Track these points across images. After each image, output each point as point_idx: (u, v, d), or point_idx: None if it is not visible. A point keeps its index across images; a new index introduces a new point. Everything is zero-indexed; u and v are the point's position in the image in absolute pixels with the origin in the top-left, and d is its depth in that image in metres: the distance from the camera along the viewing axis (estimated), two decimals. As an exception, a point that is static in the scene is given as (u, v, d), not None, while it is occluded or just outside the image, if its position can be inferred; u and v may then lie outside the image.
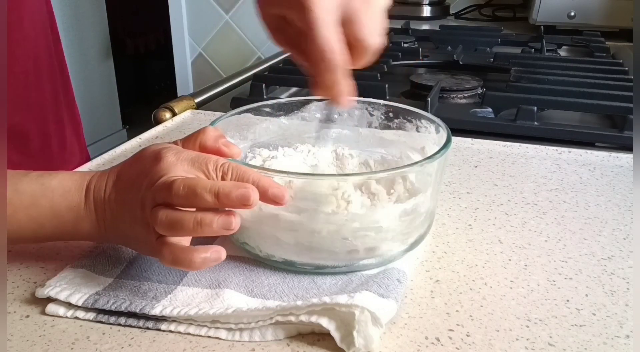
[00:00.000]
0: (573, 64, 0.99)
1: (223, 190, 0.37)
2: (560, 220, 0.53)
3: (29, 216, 0.42)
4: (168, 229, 0.38)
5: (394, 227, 0.43)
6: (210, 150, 0.42)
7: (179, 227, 0.37)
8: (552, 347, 0.37)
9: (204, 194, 0.37)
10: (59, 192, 0.42)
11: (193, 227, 0.37)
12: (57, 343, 0.37)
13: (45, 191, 0.42)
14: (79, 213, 0.42)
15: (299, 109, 0.56)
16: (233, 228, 0.38)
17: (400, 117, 0.54)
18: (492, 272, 0.45)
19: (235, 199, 0.37)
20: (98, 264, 0.44)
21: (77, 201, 0.42)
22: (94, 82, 2.62)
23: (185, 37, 2.09)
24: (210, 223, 0.37)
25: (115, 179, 0.42)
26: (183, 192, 0.37)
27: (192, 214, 0.37)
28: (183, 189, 0.37)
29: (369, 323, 0.35)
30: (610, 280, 0.44)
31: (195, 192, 0.37)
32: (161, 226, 0.38)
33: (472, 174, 0.63)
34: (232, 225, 0.37)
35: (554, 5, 1.34)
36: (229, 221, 0.37)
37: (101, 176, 0.43)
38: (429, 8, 1.63)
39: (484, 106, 0.80)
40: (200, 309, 0.38)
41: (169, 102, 0.83)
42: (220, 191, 0.37)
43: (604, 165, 0.66)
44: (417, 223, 0.45)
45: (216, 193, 0.37)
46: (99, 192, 0.42)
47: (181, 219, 0.37)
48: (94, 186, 0.42)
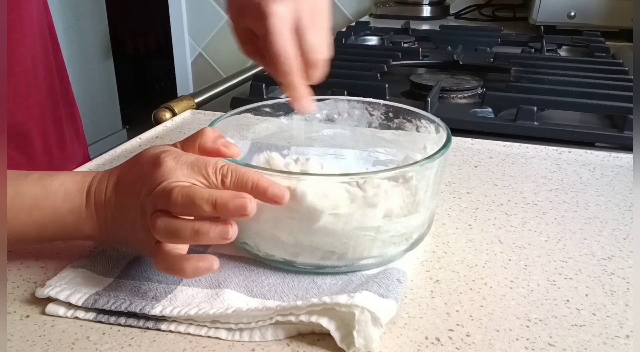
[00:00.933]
0: (573, 64, 0.99)
1: (221, 200, 0.37)
2: (560, 220, 0.53)
3: (31, 218, 0.42)
4: (166, 237, 0.38)
5: (394, 227, 0.43)
6: (209, 152, 0.42)
7: (177, 235, 0.38)
8: (552, 347, 0.37)
9: (202, 204, 0.37)
10: (60, 195, 0.42)
11: (190, 236, 0.37)
12: (57, 343, 0.37)
13: (47, 193, 0.42)
14: (80, 215, 0.42)
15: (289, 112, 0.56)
16: (229, 238, 0.38)
17: (400, 117, 0.54)
18: (492, 272, 0.45)
19: (233, 209, 0.37)
20: (98, 264, 0.44)
21: (78, 203, 0.42)
22: (94, 82, 2.62)
23: (185, 37, 2.10)
24: (207, 232, 0.37)
25: (115, 182, 0.42)
26: (181, 201, 0.37)
27: (190, 223, 0.38)
28: (182, 198, 0.37)
29: (369, 323, 0.35)
30: (610, 280, 0.44)
31: (194, 202, 0.37)
32: (159, 233, 0.38)
33: (472, 174, 0.63)
34: (229, 235, 0.38)
35: (554, 5, 1.34)
36: (225, 230, 0.37)
37: (102, 178, 0.43)
38: (429, 8, 1.63)
39: (484, 106, 0.80)
40: (200, 309, 0.38)
41: (169, 102, 0.83)
42: (218, 201, 0.37)
43: (604, 165, 0.66)
44: (417, 223, 0.45)
45: (214, 203, 0.37)
46: (99, 195, 0.42)
47: (179, 228, 0.38)
48: (94, 188, 0.43)
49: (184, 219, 0.38)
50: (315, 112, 0.55)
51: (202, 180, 0.39)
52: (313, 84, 0.48)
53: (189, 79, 2.14)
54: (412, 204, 0.44)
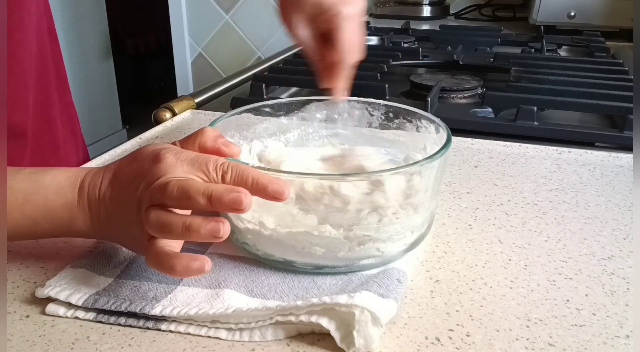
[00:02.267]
0: (573, 64, 0.99)
1: (216, 193, 0.37)
2: (560, 220, 0.53)
3: (24, 214, 0.42)
4: (158, 231, 0.38)
5: (393, 227, 0.43)
6: (210, 151, 0.42)
7: (168, 230, 0.37)
8: (552, 347, 0.37)
9: (197, 196, 0.37)
10: (52, 189, 0.42)
11: (181, 231, 0.37)
12: (57, 343, 0.37)
13: (39, 188, 0.42)
14: (72, 210, 0.42)
15: (299, 109, 0.56)
16: (221, 236, 0.37)
17: (401, 117, 0.54)
18: (492, 272, 0.45)
19: (227, 202, 0.37)
20: (98, 264, 0.44)
21: (71, 198, 0.42)
22: (94, 82, 2.62)
23: (185, 37, 2.10)
24: (197, 229, 0.37)
25: (111, 178, 0.42)
26: (177, 194, 0.37)
27: (181, 218, 0.37)
28: (177, 191, 0.37)
29: (369, 323, 0.35)
30: (610, 280, 0.44)
31: (189, 195, 0.37)
32: (151, 227, 0.38)
33: (472, 174, 0.63)
34: (220, 233, 0.37)
35: (554, 5, 1.34)
36: (216, 228, 0.37)
37: (96, 173, 0.43)
38: (429, 8, 1.63)
39: (484, 106, 0.80)
40: (200, 309, 0.38)
41: (169, 102, 0.83)
42: (214, 194, 0.37)
43: (604, 165, 0.66)
44: (417, 223, 0.45)
45: (209, 196, 0.37)
46: (93, 190, 0.42)
47: (171, 222, 0.37)
48: (88, 183, 0.42)
49: (177, 214, 0.38)
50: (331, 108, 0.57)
51: (203, 176, 0.39)
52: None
53: (189, 79, 2.14)
54: (412, 204, 0.44)
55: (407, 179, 0.45)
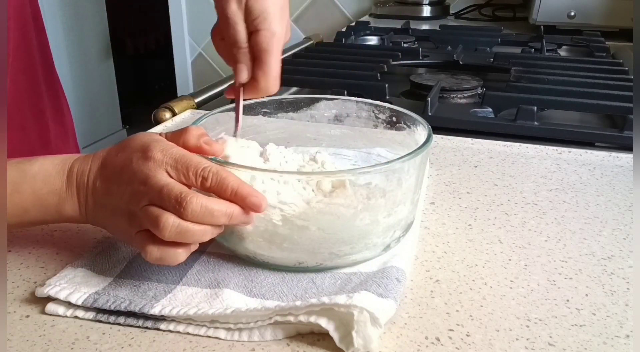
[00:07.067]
0: (573, 64, 0.99)
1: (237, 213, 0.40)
2: (560, 220, 0.53)
3: (13, 203, 0.42)
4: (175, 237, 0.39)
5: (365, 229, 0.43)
6: (192, 150, 0.42)
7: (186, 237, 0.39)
8: (552, 347, 0.37)
9: (220, 217, 0.39)
10: (40, 177, 0.43)
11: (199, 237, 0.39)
12: (57, 343, 0.37)
13: (26, 177, 0.43)
14: (60, 196, 0.43)
15: (299, 109, 0.56)
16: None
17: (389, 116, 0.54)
18: (492, 272, 0.45)
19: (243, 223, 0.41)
20: (98, 263, 0.44)
21: (59, 184, 0.43)
22: (93, 82, 2.62)
23: (185, 37, 2.09)
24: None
25: (99, 166, 0.43)
26: (200, 212, 0.38)
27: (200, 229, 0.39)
28: (201, 209, 0.38)
29: (367, 323, 0.35)
30: (610, 280, 0.44)
31: (212, 214, 0.39)
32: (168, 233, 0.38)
33: (472, 174, 0.63)
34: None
35: (554, 5, 1.34)
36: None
37: (84, 160, 0.43)
38: (429, 8, 1.63)
39: (484, 106, 0.80)
40: (199, 309, 0.38)
41: (169, 102, 0.83)
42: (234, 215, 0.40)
43: (604, 165, 0.66)
44: (402, 215, 0.44)
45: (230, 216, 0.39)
46: (82, 177, 0.43)
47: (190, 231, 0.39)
48: (76, 170, 0.43)
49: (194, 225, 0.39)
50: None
51: (183, 179, 0.40)
52: None
53: (189, 79, 2.14)
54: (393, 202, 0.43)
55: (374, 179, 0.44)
